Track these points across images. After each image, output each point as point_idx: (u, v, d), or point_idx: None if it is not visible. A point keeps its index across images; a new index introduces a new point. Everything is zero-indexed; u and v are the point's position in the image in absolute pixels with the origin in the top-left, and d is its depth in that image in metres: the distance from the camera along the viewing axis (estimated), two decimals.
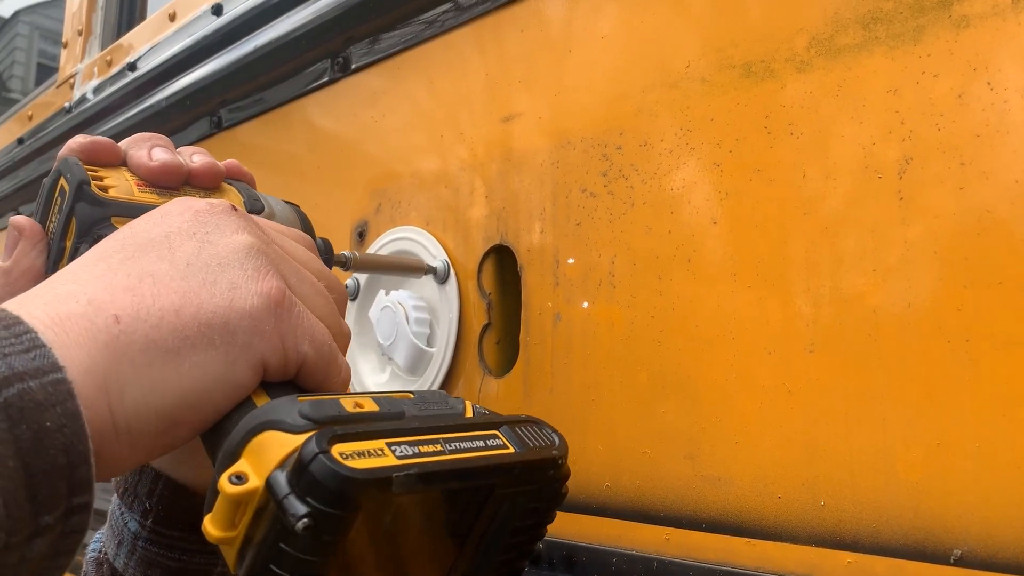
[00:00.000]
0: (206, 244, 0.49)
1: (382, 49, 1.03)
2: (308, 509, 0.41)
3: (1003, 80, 0.55)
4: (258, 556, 0.43)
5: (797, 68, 0.65)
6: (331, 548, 0.42)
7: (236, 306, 0.47)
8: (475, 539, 0.51)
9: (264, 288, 0.48)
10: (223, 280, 0.48)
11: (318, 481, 0.41)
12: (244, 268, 0.49)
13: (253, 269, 0.49)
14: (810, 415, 0.62)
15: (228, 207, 0.52)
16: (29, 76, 14.88)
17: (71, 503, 0.37)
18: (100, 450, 0.42)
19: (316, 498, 0.41)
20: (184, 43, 1.35)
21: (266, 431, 0.44)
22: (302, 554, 0.42)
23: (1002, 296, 0.54)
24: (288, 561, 0.42)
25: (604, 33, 0.79)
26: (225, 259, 0.49)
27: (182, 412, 0.45)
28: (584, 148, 0.80)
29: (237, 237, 0.50)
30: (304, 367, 0.50)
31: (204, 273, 0.47)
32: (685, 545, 0.68)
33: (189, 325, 0.45)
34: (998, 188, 0.55)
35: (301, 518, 0.41)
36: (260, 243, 0.51)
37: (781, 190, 0.65)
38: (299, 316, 0.50)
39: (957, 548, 0.55)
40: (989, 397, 0.54)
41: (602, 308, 0.76)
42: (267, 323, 0.48)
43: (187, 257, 0.48)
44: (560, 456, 0.52)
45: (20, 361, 0.38)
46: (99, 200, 0.58)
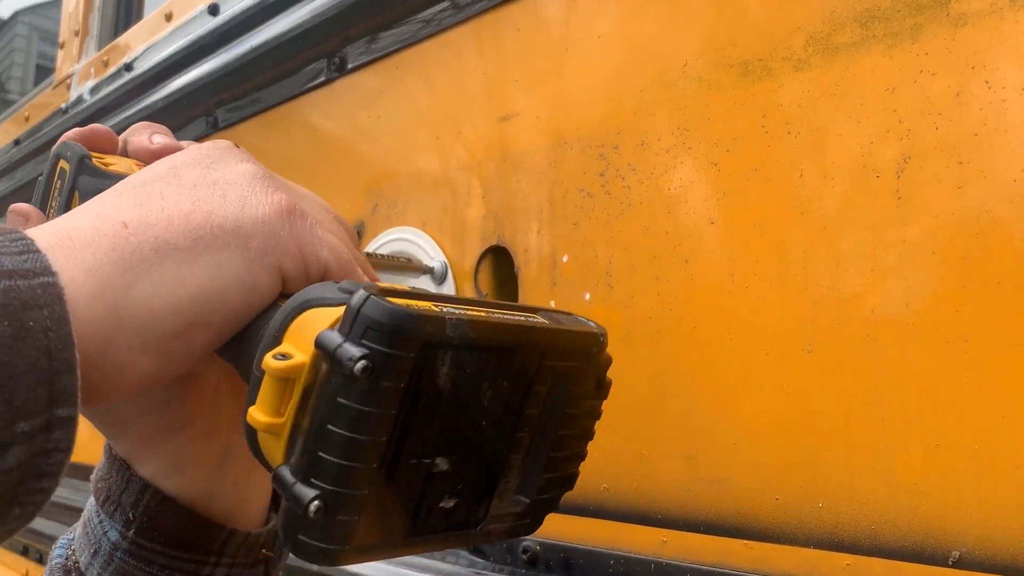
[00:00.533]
0: (211, 170, 0.48)
1: (379, 49, 1.03)
2: (365, 350, 0.39)
3: (1001, 78, 0.55)
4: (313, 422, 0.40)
5: (795, 67, 0.65)
6: (391, 397, 0.40)
7: (248, 213, 0.46)
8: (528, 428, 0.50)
9: (274, 199, 0.48)
10: (232, 194, 0.47)
11: (373, 319, 0.40)
12: (252, 186, 0.48)
13: (261, 188, 0.48)
14: (808, 416, 0.62)
15: (231, 144, 0.52)
16: (28, 77, 14.87)
17: (53, 414, 0.35)
18: (108, 355, 0.40)
19: (372, 338, 0.40)
20: (180, 43, 1.35)
21: (307, 310, 0.43)
22: (362, 405, 0.40)
23: (1001, 296, 0.54)
24: (347, 416, 0.40)
25: (601, 32, 0.79)
26: (232, 180, 0.48)
27: (198, 311, 0.43)
28: (581, 148, 0.79)
29: (242, 165, 0.50)
30: (327, 275, 0.49)
31: (212, 189, 0.47)
32: (683, 547, 0.68)
33: (201, 227, 0.44)
34: (996, 187, 0.54)
35: (359, 360, 0.39)
36: (265, 172, 0.50)
37: (779, 190, 0.65)
38: (312, 227, 0.49)
39: (955, 550, 0.54)
40: (988, 398, 0.54)
41: (599, 308, 0.76)
42: (281, 228, 0.47)
43: (194, 179, 0.47)
44: (600, 334, 0.52)
45: (10, 261, 0.36)
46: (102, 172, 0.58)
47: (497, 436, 0.49)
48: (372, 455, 0.41)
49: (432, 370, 0.43)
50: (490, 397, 0.47)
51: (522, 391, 0.49)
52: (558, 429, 0.51)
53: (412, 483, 0.45)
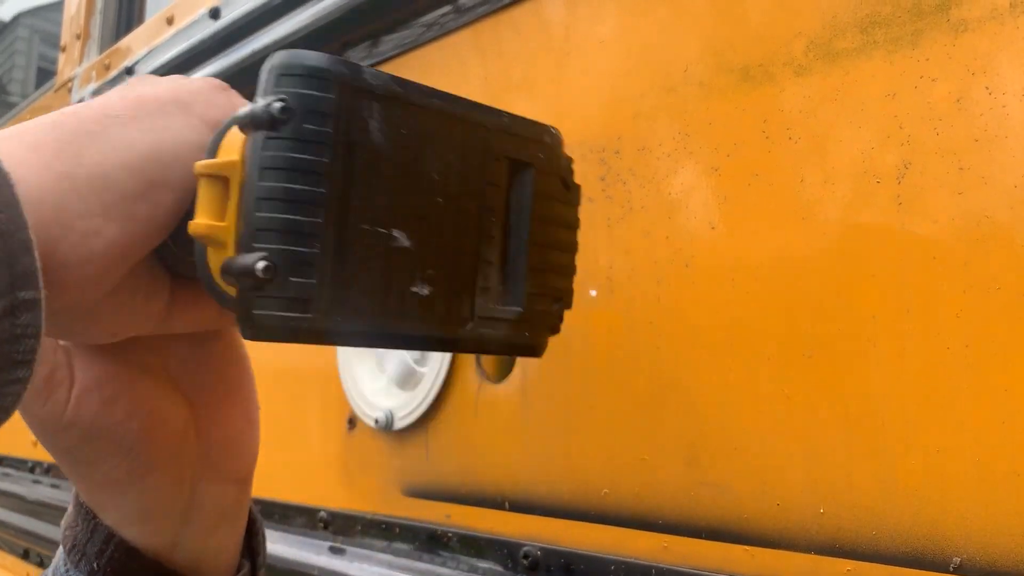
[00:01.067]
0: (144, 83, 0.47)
1: (380, 53, 1.03)
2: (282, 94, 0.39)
3: (1001, 84, 0.55)
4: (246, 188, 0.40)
5: (795, 72, 0.65)
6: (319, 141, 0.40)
7: (183, 87, 0.46)
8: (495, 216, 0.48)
9: (206, 79, 0.48)
10: (164, 82, 0.46)
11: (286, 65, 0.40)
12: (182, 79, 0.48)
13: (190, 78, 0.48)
14: (809, 421, 0.62)
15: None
16: (29, 79, 14.86)
17: (16, 298, 0.34)
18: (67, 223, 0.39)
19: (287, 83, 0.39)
20: (182, 47, 1.35)
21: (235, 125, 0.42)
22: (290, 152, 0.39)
23: (1001, 301, 0.54)
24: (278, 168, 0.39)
25: (602, 37, 0.79)
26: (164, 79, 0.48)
27: (153, 169, 0.42)
28: (582, 153, 0.79)
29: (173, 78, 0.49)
30: None
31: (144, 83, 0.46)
32: (683, 553, 0.68)
33: (140, 99, 0.44)
34: (997, 193, 0.54)
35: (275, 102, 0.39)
36: None
37: (779, 195, 0.65)
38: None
39: (956, 556, 0.54)
40: (988, 404, 0.54)
41: (600, 313, 0.76)
42: (218, 96, 0.47)
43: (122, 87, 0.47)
44: (551, 128, 0.51)
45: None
46: None
47: (460, 220, 0.48)
48: (313, 207, 0.40)
49: (361, 120, 0.42)
50: (439, 169, 0.46)
51: (476, 169, 0.47)
52: (532, 234, 0.50)
53: (371, 258, 0.43)
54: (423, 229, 0.45)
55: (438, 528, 0.88)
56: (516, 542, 0.79)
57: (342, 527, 1.00)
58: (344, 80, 0.41)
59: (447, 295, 0.47)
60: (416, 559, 0.89)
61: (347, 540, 0.99)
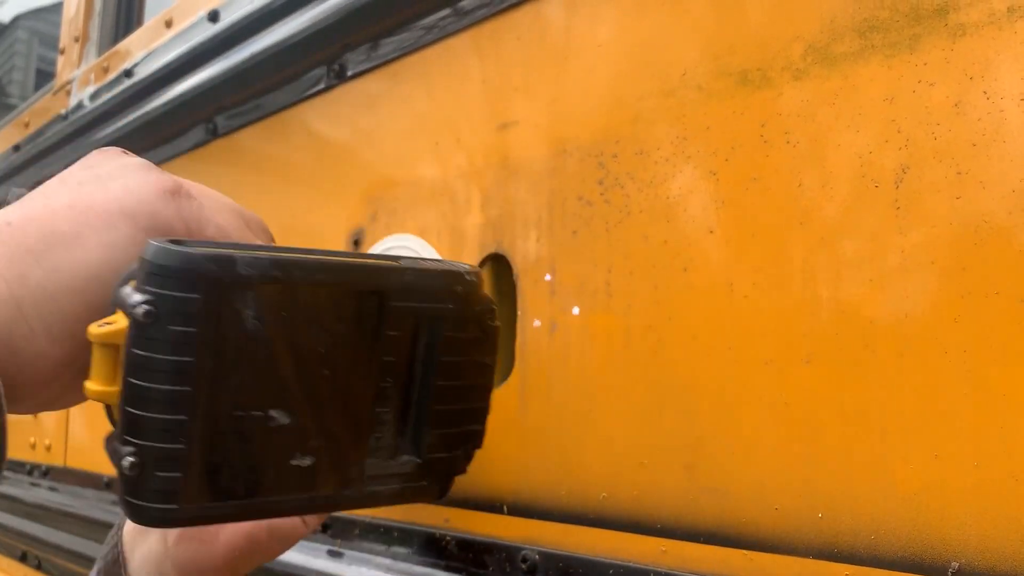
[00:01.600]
0: (95, 168, 0.49)
1: (378, 56, 1.03)
2: (148, 296, 0.39)
3: (999, 88, 0.55)
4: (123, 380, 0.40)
5: (793, 76, 0.65)
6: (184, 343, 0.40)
7: (132, 196, 0.47)
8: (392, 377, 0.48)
9: (157, 181, 0.48)
10: (115, 183, 0.47)
11: (154, 263, 0.40)
12: (135, 174, 0.48)
13: (144, 174, 0.49)
14: (807, 426, 0.62)
15: (116, 148, 0.53)
16: (28, 81, 14.85)
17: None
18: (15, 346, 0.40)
19: (155, 283, 0.40)
20: (180, 49, 1.35)
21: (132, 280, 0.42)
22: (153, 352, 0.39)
23: (1000, 306, 0.54)
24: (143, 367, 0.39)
25: (601, 41, 0.79)
26: (115, 173, 0.48)
27: (97, 289, 0.43)
28: (580, 156, 0.79)
29: (126, 158, 0.50)
30: None
31: (95, 183, 0.47)
32: (682, 557, 0.68)
33: (86, 213, 0.45)
34: (995, 197, 0.54)
35: (140, 304, 0.39)
36: (149, 163, 0.51)
37: (777, 199, 0.65)
38: (200, 207, 0.50)
39: (955, 560, 0.54)
40: (987, 408, 0.54)
41: (598, 318, 0.76)
42: (166, 208, 0.47)
43: (78, 179, 0.48)
44: (466, 272, 0.50)
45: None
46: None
47: (354, 387, 0.48)
48: (180, 406, 0.40)
49: (233, 312, 0.42)
50: (328, 343, 0.46)
51: (369, 336, 0.47)
52: (438, 379, 0.49)
53: (248, 439, 0.44)
54: (306, 403, 0.46)
55: (436, 532, 0.88)
56: (515, 546, 0.79)
57: (340, 530, 1.00)
58: (213, 277, 0.41)
59: (333, 461, 0.48)
60: (414, 563, 0.89)
61: (345, 543, 0.99)
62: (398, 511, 0.93)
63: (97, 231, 0.44)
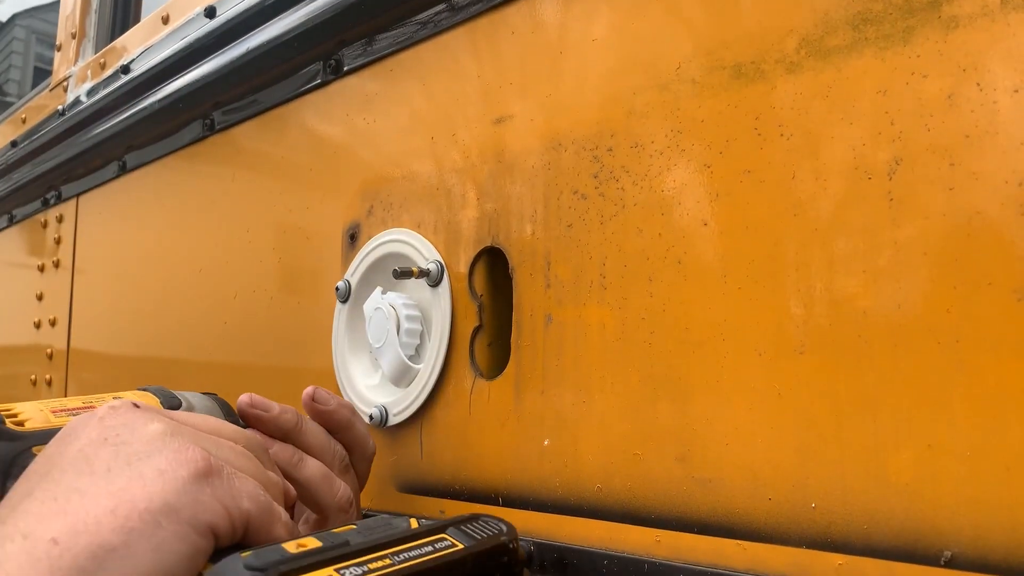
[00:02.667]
0: (120, 445, 0.51)
1: (375, 51, 1.03)
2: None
3: (992, 80, 0.55)
4: None
5: (787, 69, 0.65)
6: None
7: (170, 487, 0.49)
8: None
9: (191, 460, 0.50)
10: (149, 470, 0.49)
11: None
12: (164, 452, 0.50)
13: (173, 451, 0.51)
14: (800, 416, 0.62)
15: (128, 404, 0.54)
16: (26, 80, 14.85)
17: None
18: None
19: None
20: (177, 46, 1.35)
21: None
22: None
23: (992, 297, 0.54)
24: None
25: (596, 35, 0.79)
26: (144, 451, 0.50)
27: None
28: (575, 150, 0.80)
29: (149, 427, 0.52)
30: (250, 524, 0.52)
31: (128, 471, 0.49)
32: (676, 547, 0.68)
33: (130, 517, 0.46)
34: (988, 189, 0.55)
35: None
36: (171, 426, 0.53)
37: (771, 191, 0.65)
38: (230, 478, 0.52)
39: (948, 550, 0.55)
40: (979, 398, 0.54)
41: (593, 310, 0.76)
42: (203, 492, 0.50)
43: (106, 463, 0.49)
44: (510, 540, 0.54)
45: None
46: (15, 435, 0.61)
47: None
48: None
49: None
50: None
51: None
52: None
53: None
54: None
55: None
56: None
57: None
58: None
59: None
60: None
61: None
62: (392, 503, 0.93)
63: (145, 536, 0.46)
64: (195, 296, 1.35)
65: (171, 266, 1.43)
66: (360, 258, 1.00)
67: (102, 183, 1.65)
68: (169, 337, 1.40)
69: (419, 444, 0.91)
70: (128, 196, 1.58)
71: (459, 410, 0.87)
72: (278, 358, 1.16)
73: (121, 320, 1.58)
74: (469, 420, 0.86)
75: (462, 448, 0.87)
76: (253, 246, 1.22)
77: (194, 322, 1.34)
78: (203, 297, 1.32)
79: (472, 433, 0.86)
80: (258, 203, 1.23)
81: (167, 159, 1.45)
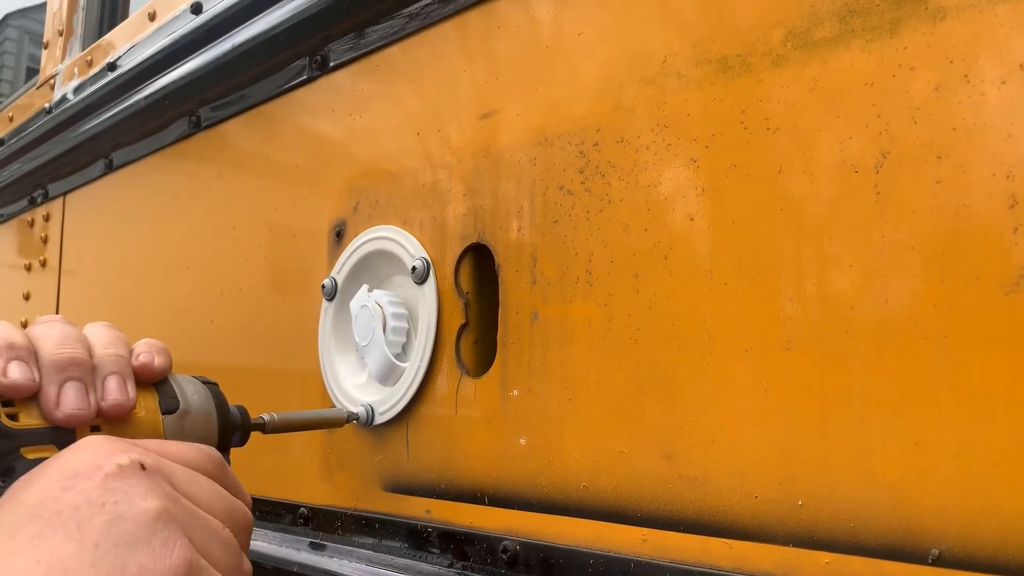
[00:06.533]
0: (116, 518, 0.51)
1: (360, 46, 1.02)
2: None
3: (980, 72, 0.54)
4: None
5: (773, 62, 0.65)
6: None
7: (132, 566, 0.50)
8: None
9: (172, 565, 0.51)
10: (132, 563, 0.50)
11: None
12: (152, 545, 0.51)
13: (161, 545, 0.52)
14: (787, 413, 0.62)
15: (137, 468, 0.55)
16: (18, 80, 14.82)
17: None
18: None
19: None
20: (163, 42, 1.34)
21: None
22: None
23: (979, 292, 0.53)
24: None
25: (582, 30, 0.78)
26: (133, 535, 0.51)
27: None
28: (562, 145, 0.79)
29: (146, 504, 0.53)
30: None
31: (114, 556, 0.50)
32: (662, 546, 0.67)
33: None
34: (975, 182, 0.54)
35: None
36: (168, 504, 0.54)
37: (758, 186, 0.65)
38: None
39: (935, 548, 0.54)
40: (967, 395, 0.54)
41: (579, 307, 0.76)
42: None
43: (96, 536, 0.50)
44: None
45: None
46: (6, 432, 0.59)
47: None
48: None
49: None
50: None
51: None
52: None
53: None
54: None
55: (418, 523, 0.87)
56: (495, 536, 0.79)
57: (322, 523, 0.99)
58: None
59: None
60: (396, 554, 0.89)
61: (327, 536, 0.98)
62: (378, 503, 0.92)
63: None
64: (182, 294, 1.34)
65: (158, 264, 1.42)
66: (346, 256, 0.99)
67: (89, 181, 1.64)
68: (155, 336, 1.39)
69: (405, 443, 0.90)
70: (115, 194, 1.57)
71: (445, 408, 0.87)
72: (264, 356, 1.15)
73: (107, 319, 1.56)
74: (455, 419, 0.85)
75: (448, 447, 0.86)
76: (239, 244, 1.21)
77: (180, 320, 1.33)
78: (189, 295, 1.31)
79: (458, 432, 0.85)
80: (244, 200, 1.22)
81: (153, 157, 1.44)
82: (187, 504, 0.56)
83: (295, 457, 1.06)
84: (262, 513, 1.07)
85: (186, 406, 0.70)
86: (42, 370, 0.62)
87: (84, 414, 0.62)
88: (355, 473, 0.96)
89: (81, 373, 0.63)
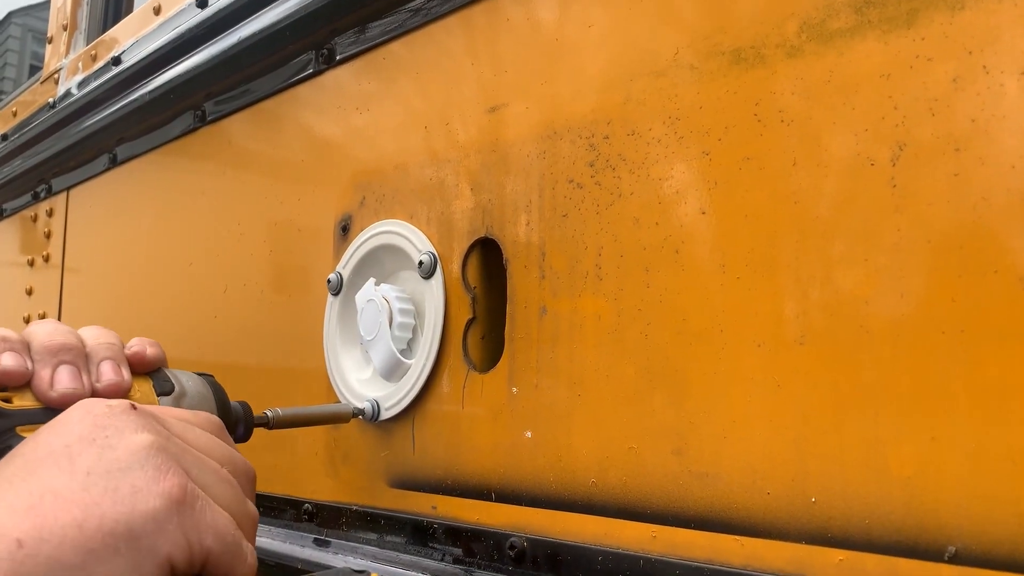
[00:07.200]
0: (106, 449, 0.51)
1: (367, 40, 1.01)
2: None
3: (999, 63, 0.54)
4: None
5: (788, 54, 0.64)
6: None
7: (139, 510, 0.49)
8: None
9: (166, 487, 0.51)
10: (125, 485, 0.50)
11: None
12: (145, 469, 0.51)
13: (154, 469, 0.51)
14: (800, 409, 0.61)
15: (127, 407, 0.54)
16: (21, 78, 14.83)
17: None
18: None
19: None
20: (168, 36, 1.34)
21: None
22: None
23: (997, 285, 0.53)
24: None
25: (592, 21, 0.78)
26: (126, 462, 0.51)
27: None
28: (571, 138, 0.78)
29: (138, 437, 0.52)
30: (209, 560, 0.52)
31: (105, 480, 0.49)
32: (672, 543, 0.67)
33: (93, 537, 0.47)
34: (994, 174, 0.53)
35: None
36: (160, 439, 0.53)
37: (771, 179, 0.64)
38: (202, 510, 0.52)
39: (951, 545, 0.53)
40: (984, 390, 0.53)
41: (588, 301, 0.75)
42: (170, 522, 0.50)
43: (87, 465, 0.50)
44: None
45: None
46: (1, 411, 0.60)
47: None
48: None
49: None
50: None
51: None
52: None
53: None
54: None
55: (424, 519, 0.86)
56: (502, 533, 0.78)
57: (327, 519, 0.99)
58: None
59: None
60: (402, 551, 0.88)
61: (332, 532, 0.98)
62: (384, 499, 0.92)
63: (102, 560, 0.47)
64: (185, 290, 1.33)
65: (161, 260, 1.41)
66: (352, 250, 0.98)
67: (92, 176, 1.64)
68: (159, 331, 1.39)
69: (411, 439, 0.90)
70: (118, 189, 1.56)
71: (452, 404, 0.86)
72: (269, 351, 1.14)
73: (111, 314, 1.56)
74: (462, 414, 0.85)
75: (455, 442, 0.85)
76: (244, 239, 1.20)
77: (184, 316, 1.33)
78: (193, 291, 1.31)
79: (465, 427, 0.84)
80: (249, 195, 1.21)
81: (158, 151, 1.44)
82: (180, 442, 0.56)
83: (300, 453, 1.05)
84: (266, 509, 1.06)
85: (181, 390, 0.70)
86: (34, 356, 0.62)
87: (78, 393, 0.62)
88: (360, 469, 0.96)
89: (73, 357, 0.64)
